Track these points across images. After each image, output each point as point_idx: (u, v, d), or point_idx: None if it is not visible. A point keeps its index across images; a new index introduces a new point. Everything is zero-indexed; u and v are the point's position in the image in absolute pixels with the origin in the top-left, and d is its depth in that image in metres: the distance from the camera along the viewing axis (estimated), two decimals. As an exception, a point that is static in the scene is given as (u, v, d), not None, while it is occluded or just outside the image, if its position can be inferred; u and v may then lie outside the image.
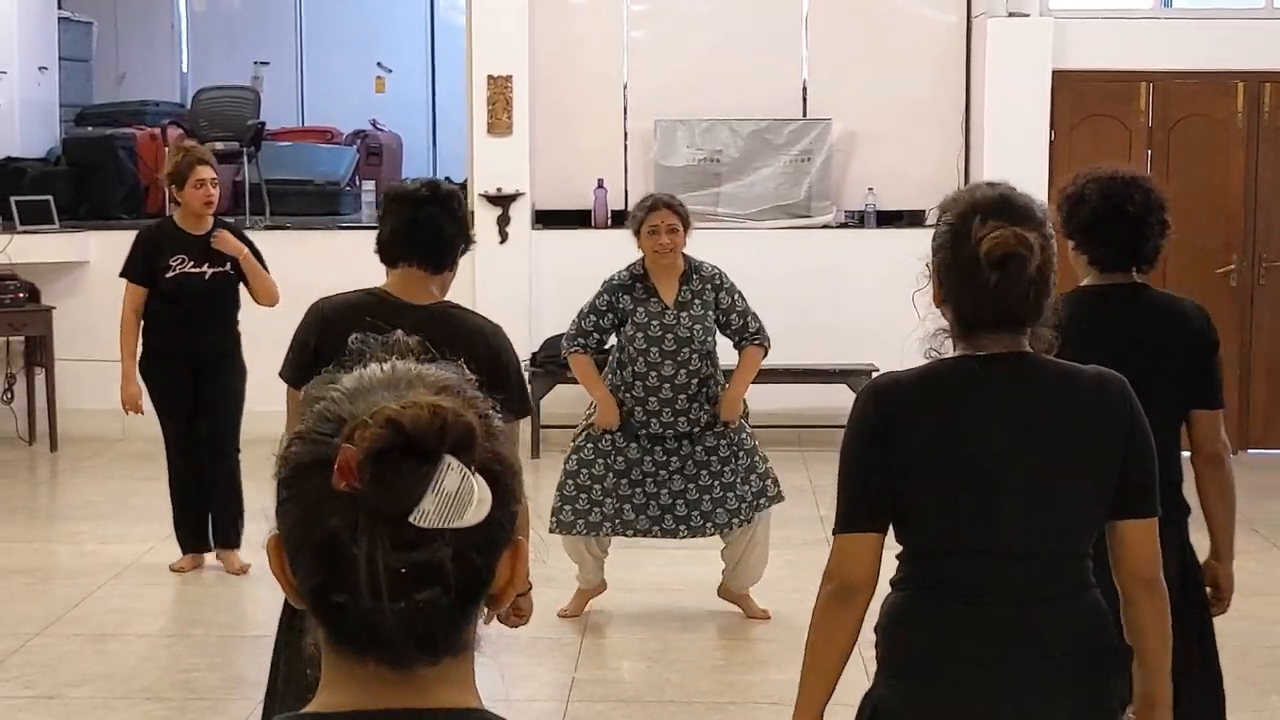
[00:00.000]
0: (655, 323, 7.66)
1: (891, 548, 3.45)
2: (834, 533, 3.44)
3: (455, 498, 1.55)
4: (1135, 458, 3.36)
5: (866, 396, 3.41)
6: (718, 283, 7.75)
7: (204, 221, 8.40)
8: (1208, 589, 4.89)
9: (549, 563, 8.57)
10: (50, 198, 12.62)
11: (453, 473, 1.55)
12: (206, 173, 8.34)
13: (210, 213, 8.43)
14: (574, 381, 11.64)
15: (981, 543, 3.33)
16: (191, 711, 6.60)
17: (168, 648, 7.41)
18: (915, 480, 3.34)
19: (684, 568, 8.48)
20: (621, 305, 7.72)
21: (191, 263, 8.32)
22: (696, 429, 7.72)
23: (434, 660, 1.62)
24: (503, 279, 12.30)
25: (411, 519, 1.54)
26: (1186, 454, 4.80)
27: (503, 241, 12.37)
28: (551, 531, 7.73)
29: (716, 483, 7.72)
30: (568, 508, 7.72)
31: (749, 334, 7.78)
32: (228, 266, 8.39)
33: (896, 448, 3.33)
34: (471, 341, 4.60)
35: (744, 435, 7.80)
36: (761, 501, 7.75)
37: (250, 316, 8.64)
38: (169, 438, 8.65)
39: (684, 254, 7.75)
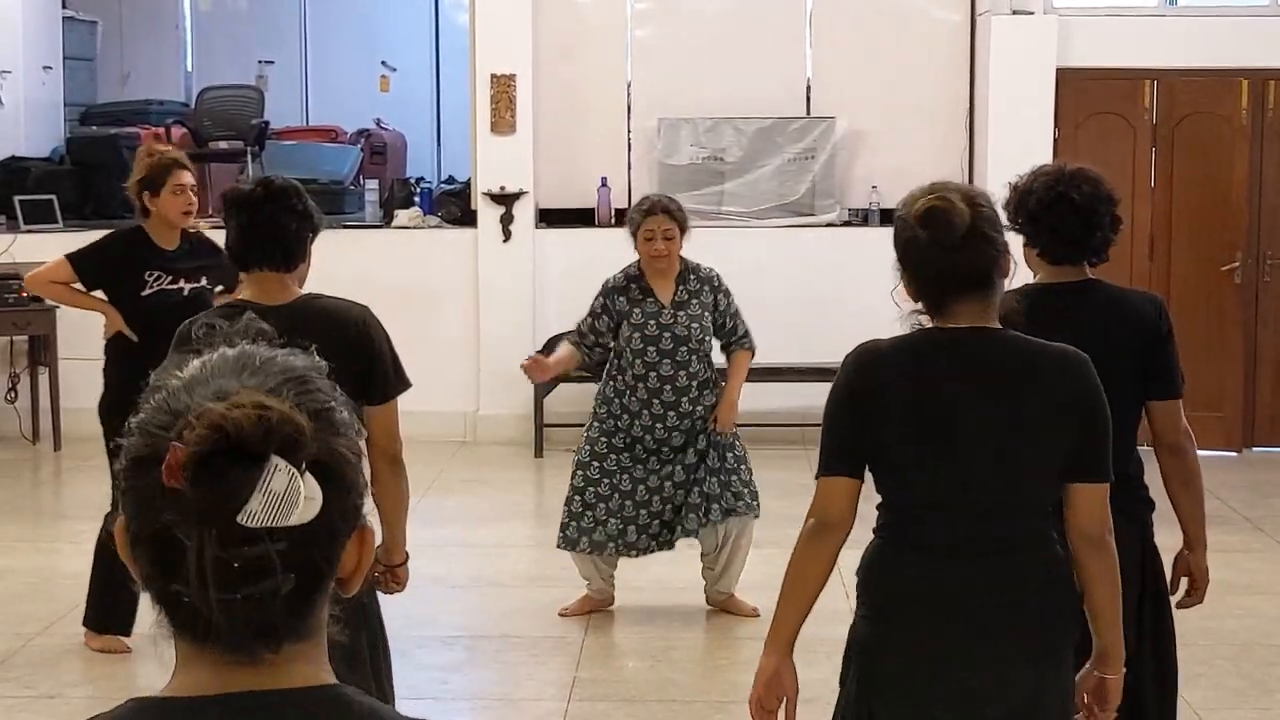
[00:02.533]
0: (652, 322, 7.66)
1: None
2: (816, 476, 3.83)
3: (283, 498, 1.54)
4: (1090, 427, 3.66)
5: (851, 360, 3.76)
6: (715, 284, 7.76)
7: (176, 234, 7.50)
8: (1183, 579, 4.87)
9: (550, 563, 8.58)
10: (54, 197, 12.63)
11: (280, 474, 1.54)
12: (187, 178, 7.47)
13: (188, 223, 7.56)
14: (577, 381, 11.69)
15: (945, 498, 3.66)
16: (193, 711, 6.59)
17: (172, 648, 7.39)
18: (887, 438, 3.68)
19: (687, 567, 8.46)
20: (617, 307, 7.72)
21: (169, 279, 7.45)
22: (692, 435, 7.72)
23: (275, 648, 1.62)
24: (506, 278, 12.31)
25: (239, 519, 1.53)
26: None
27: (506, 240, 12.36)
28: (558, 547, 7.80)
29: (696, 489, 7.71)
30: (573, 524, 7.72)
31: (738, 337, 7.83)
32: (204, 281, 7.49)
33: (872, 408, 3.68)
34: (340, 327, 4.72)
35: (735, 445, 7.82)
36: (740, 506, 7.74)
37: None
38: None
39: (680, 255, 7.76)
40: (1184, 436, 4.70)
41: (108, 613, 7.40)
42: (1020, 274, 4.97)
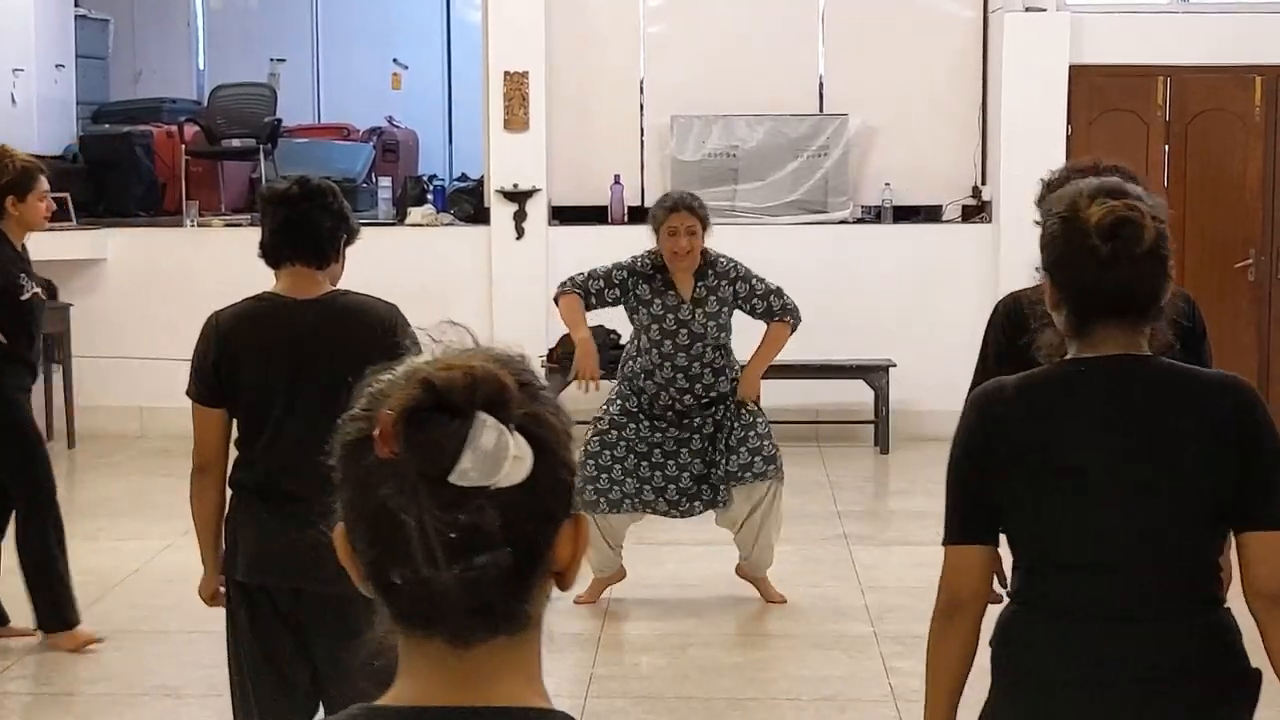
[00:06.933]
0: (671, 316, 7.68)
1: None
2: (943, 544, 3.35)
3: (492, 454, 1.57)
4: (1256, 466, 3.20)
5: (969, 406, 3.33)
6: (733, 274, 7.75)
7: (23, 238, 7.47)
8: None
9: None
10: (68, 195, 12.62)
11: (488, 429, 1.57)
12: (47, 183, 7.45)
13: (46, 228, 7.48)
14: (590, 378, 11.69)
15: (1086, 556, 3.22)
16: (210, 709, 6.60)
17: (187, 645, 7.40)
18: (1019, 491, 3.23)
19: (703, 563, 8.48)
20: (638, 292, 7.73)
21: (33, 282, 7.42)
22: (708, 401, 7.79)
23: (493, 633, 1.63)
24: (519, 275, 12.30)
25: (452, 479, 1.56)
26: None
27: (519, 238, 12.37)
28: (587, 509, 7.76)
29: (722, 460, 7.77)
30: (589, 487, 7.75)
31: (775, 311, 7.79)
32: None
33: (999, 456, 3.24)
34: (367, 323, 4.73)
35: (756, 420, 7.84)
36: (746, 476, 7.77)
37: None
38: (49, 478, 7.42)
39: (701, 248, 7.76)
40: None
41: (57, 605, 7.35)
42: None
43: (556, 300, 7.77)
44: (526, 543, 1.61)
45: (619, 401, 7.87)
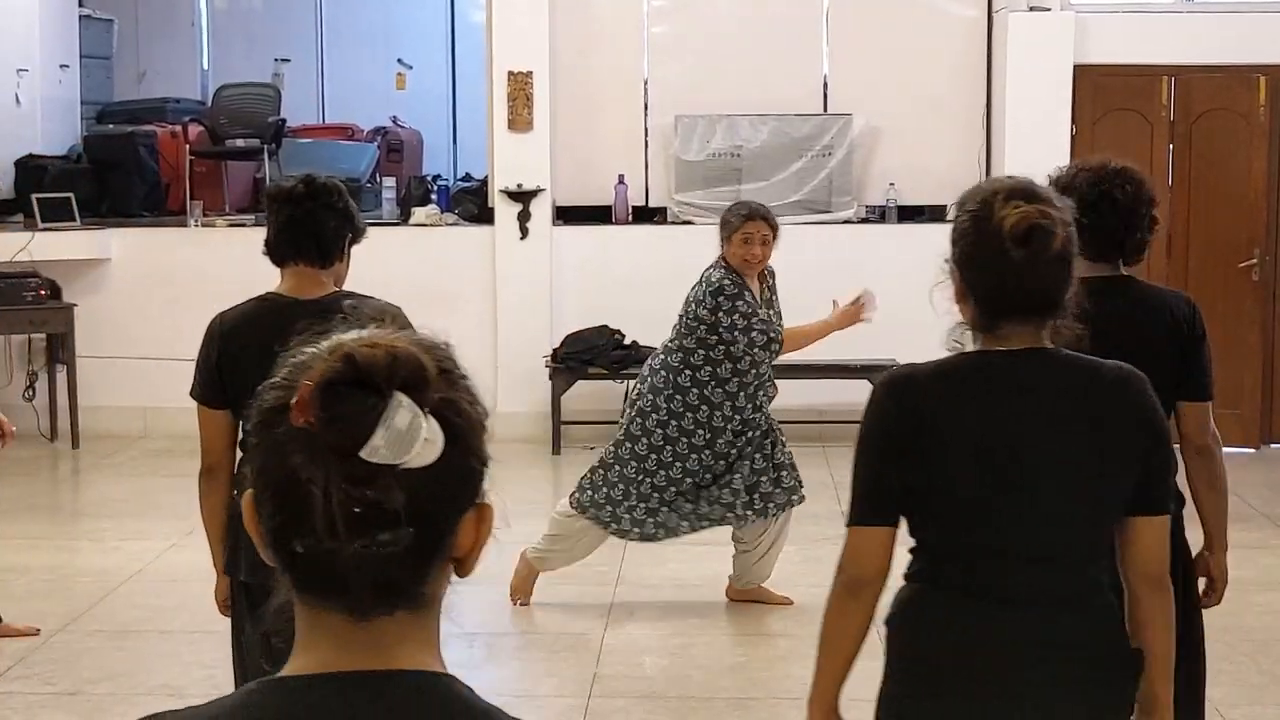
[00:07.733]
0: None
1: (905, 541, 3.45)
2: (846, 525, 3.43)
3: (405, 435, 1.59)
4: (1155, 454, 3.33)
5: (882, 389, 3.37)
6: (775, 280, 7.96)
7: None
8: (1201, 580, 4.86)
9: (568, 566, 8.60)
10: (71, 195, 12.64)
11: (403, 410, 1.60)
12: None
13: None
14: (594, 379, 11.70)
15: (998, 542, 3.29)
16: (213, 708, 6.61)
17: (190, 644, 7.41)
18: (930, 477, 3.29)
19: (705, 563, 8.47)
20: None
21: None
22: (748, 425, 7.75)
23: (391, 609, 1.66)
24: (523, 275, 12.30)
25: (363, 454, 1.58)
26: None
27: (523, 238, 12.36)
28: (605, 527, 7.75)
29: (741, 487, 7.73)
30: (626, 518, 7.68)
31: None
32: None
33: (912, 442, 3.29)
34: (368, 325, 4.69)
35: (778, 434, 7.87)
36: (794, 500, 7.81)
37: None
38: None
39: None
40: (1212, 439, 4.68)
41: None
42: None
43: (783, 347, 7.81)
44: (429, 525, 1.64)
45: (667, 447, 7.68)
